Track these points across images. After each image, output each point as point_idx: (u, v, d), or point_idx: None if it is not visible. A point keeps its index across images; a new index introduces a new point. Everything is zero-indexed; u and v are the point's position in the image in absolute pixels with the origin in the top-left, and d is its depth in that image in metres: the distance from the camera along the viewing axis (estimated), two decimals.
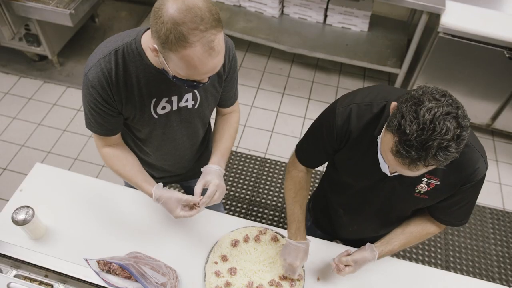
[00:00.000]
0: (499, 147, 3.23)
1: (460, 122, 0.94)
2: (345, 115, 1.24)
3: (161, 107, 1.31)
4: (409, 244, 1.42)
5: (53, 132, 3.10)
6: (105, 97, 1.22)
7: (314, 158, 1.44)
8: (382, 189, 1.30)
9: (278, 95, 3.45)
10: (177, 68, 1.06)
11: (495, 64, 2.72)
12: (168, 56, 1.04)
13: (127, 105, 1.26)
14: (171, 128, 1.41)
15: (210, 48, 1.00)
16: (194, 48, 0.99)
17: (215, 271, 1.46)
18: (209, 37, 0.99)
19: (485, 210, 2.84)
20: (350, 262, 1.36)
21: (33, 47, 3.31)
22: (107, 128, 1.33)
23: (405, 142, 0.95)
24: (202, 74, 1.08)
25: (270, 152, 3.06)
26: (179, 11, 0.96)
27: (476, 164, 1.17)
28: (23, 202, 1.47)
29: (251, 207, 2.75)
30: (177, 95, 1.31)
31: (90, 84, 1.20)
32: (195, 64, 1.02)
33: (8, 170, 2.86)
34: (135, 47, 1.19)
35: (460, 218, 1.34)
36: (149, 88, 1.25)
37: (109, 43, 1.21)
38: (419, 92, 0.99)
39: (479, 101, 2.99)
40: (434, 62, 2.87)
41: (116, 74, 1.20)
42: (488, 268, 2.57)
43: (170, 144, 1.48)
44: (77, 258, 1.35)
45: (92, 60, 1.20)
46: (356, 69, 3.64)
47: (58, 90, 3.39)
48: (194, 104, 1.37)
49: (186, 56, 1.01)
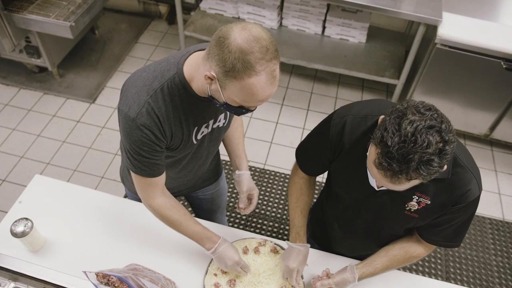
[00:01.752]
0: (498, 157, 3.24)
1: (444, 136, 0.94)
2: (340, 126, 1.24)
3: (200, 132, 1.33)
4: (392, 267, 1.40)
5: (52, 143, 3.10)
6: (159, 136, 1.20)
7: (312, 166, 1.45)
8: (373, 204, 1.29)
9: (277, 106, 3.47)
10: (235, 96, 1.07)
11: (492, 74, 2.74)
12: (228, 83, 1.05)
13: (175, 138, 1.26)
14: (202, 149, 1.42)
15: (272, 77, 1.05)
16: (259, 77, 1.02)
17: (215, 283, 1.45)
18: (272, 67, 1.04)
19: (485, 220, 2.84)
20: (332, 285, 1.37)
21: (33, 59, 3.33)
22: (159, 165, 1.29)
23: (386, 154, 0.96)
24: (259, 102, 1.09)
25: (269, 163, 3.06)
26: (247, 41, 1.00)
27: (468, 185, 1.16)
28: (22, 214, 1.47)
29: (251, 218, 2.74)
30: (214, 118, 1.34)
31: (144, 129, 1.16)
32: (257, 92, 1.05)
33: (7, 181, 2.86)
34: (178, 80, 1.18)
35: (448, 239, 1.30)
36: (192, 117, 1.26)
37: (148, 80, 1.18)
38: (404, 105, 0.99)
39: (477, 111, 3.01)
40: (432, 73, 2.89)
41: (166, 112, 1.18)
42: (488, 278, 2.56)
43: (196, 163, 1.49)
44: (76, 271, 1.35)
45: (137, 102, 1.15)
46: (355, 80, 3.67)
47: (57, 101, 3.40)
48: (225, 122, 1.40)
49: (250, 84, 1.03)
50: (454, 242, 1.31)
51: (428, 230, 1.31)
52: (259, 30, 1.03)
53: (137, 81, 1.19)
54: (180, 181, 1.58)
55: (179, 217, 1.38)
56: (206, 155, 1.50)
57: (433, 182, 1.15)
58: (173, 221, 1.39)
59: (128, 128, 1.17)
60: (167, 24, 4.19)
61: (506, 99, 2.86)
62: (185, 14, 3.84)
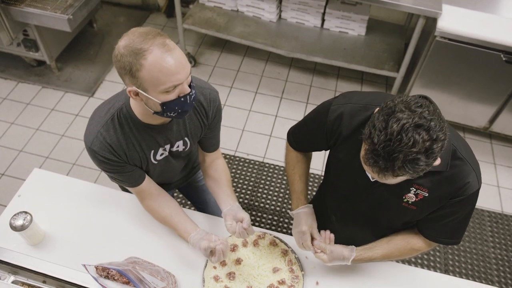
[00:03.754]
0: (497, 150, 3.24)
1: (432, 135, 0.93)
2: (338, 112, 1.24)
3: (159, 154, 1.44)
4: (391, 256, 1.40)
5: (51, 137, 3.10)
6: (116, 159, 1.33)
7: (304, 147, 1.47)
8: (370, 196, 1.29)
9: (276, 99, 3.46)
10: (155, 86, 1.12)
11: (492, 67, 2.73)
12: (142, 81, 1.11)
13: (133, 159, 1.38)
14: (170, 165, 1.54)
15: (164, 45, 1.10)
16: (151, 52, 1.08)
17: (214, 276, 1.46)
18: (160, 40, 1.10)
19: (484, 213, 2.85)
20: (327, 250, 1.36)
21: (31, 52, 3.32)
22: (133, 180, 1.43)
23: (373, 151, 0.96)
24: (176, 74, 1.12)
25: (268, 156, 3.06)
26: (126, 40, 1.11)
27: (467, 178, 1.15)
28: (21, 207, 1.47)
29: (250, 211, 2.74)
30: (169, 143, 1.43)
31: (98, 155, 1.30)
32: (162, 65, 1.09)
33: (6, 175, 2.85)
34: (126, 110, 1.30)
35: (448, 235, 1.30)
36: (146, 143, 1.37)
37: (102, 112, 1.32)
38: (395, 101, 0.99)
39: (477, 104, 3.00)
40: (431, 65, 2.88)
41: (117, 140, 1.30)
42: (487, 271, 2.57)
43: (167, 174, 1.62)
44: (75, 264, 1.35)
45: (92, 132, 1.30)
46: (354, 73, 3.65)
47: (56, 95, 3.39)
48: (184, 148, 1.49)
49: (151, 63, 1.09)
50: (454, 239, 1.31)
51: (428, 226, 1.31)
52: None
53: (95, 113, 1.35)
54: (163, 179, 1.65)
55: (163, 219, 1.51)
56: (176, 169, 1.63)
57: (431, 175, 1.14)
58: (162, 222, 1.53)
59: (90, 155, 1.33)
60: (166, 17, 4.17)
61: (506, 92, 2.85)
62: (184, 7, 3.82)
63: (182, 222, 1.48)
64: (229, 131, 3.19)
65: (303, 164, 1.50)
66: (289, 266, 1.50)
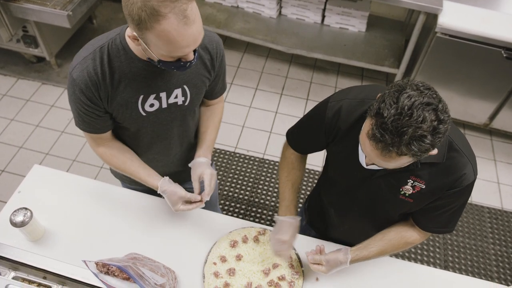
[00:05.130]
0: (497, 147, 3.24)
1: (439, 115, 0.94)
2: (336, 108, 1.25)
3: (149, 104, 1.29)
4: (387, 252, 1.40)
5: (51, 133, 3.10)
6: (90, 96, 1.20)
7: (304, 147, 1.46)
8: (368, 189, 1.30)
9: (276, 96, 3.46)
10: (159, 49, 1.05)
11: (493, 63, 2.73)
12: (146, 38, 1.03)
13: (113, 103, 1.25)
14: (161, 126, 1.39)
15: (184, 17, 0.99)
16: (168, 19, 0.98)
17: (214, 272, 1.46)
18: (181, 6, 0.98)
19: (484, 209, 2.85)
20: (323, 261, 1.37)
21: (30, 48, 3.31)
22: (95, 127, 1.32)
23: (381, 125, 0.96)
24: (184, 48, 1.05)
25: (268, 152, 3.06)
26: None
27: (464, 169, 1.16)
28: (21, 204, 1.47)
29: (250, 207, 2.75)
30: (166, 90, 1.28)
31: (74, 83, 1.19)
32: (174, 37, 1.01)
33: (6, 172, 2.86)
34: (119, 41, 1.18)
35: (442, 225, 1.31)
36: (135, 84, 1.23)
37: (95, 41, 1.20)
38: (404, 81, 1.00)
39: (477, 100, 3.00)
40: (432, 62, 2.88)
41: (101, 71, 1.18)
42: (487, 267, 2.58)
43: (161, 143, 1.47)
44: (76, 260, 1.35)
45: (77, 59, 1.19)
46: (354, 70, 3.65)
47: (56, 91, 3.39)
48: (184, 100, 1.35)
49: (163, 31, 0.99)
50: (448, 228, 1.32)
51: (423, 216, 1.32)
52: None
53: (88, 43, 1.22)
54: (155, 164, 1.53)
55: (119, 165, 1.43)
56: (172, 137, 1.47)
57: (428, 166, 1.15)
58: (116, 167, 1.44)
59: (68, 82, 1.22)
60: None
61: (506, 88, 2.85)
62: None
63: (145, 167, 1.43)
64: (229, 127, 3.19)
65: (297, 171, 1.49)
66: (289, 262, 1.50)
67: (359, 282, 1.49)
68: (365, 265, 1.50)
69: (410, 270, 1.55)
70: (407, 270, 1.55)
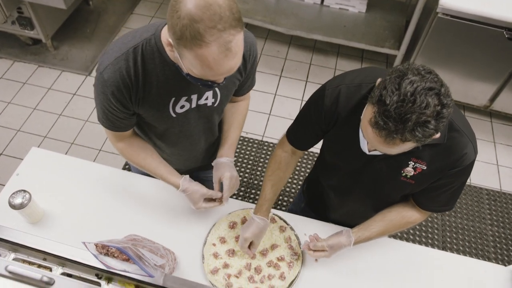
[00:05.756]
0: (497, 129, 3.23)
1: (442, 100, 0.93)
2: (334, 96, 1.23)
3: (180, 106, 1.26)
4: (388, 232, 1.41)
5: (49, 116, 3.08)
6: (121, 98, 1.16)
7: (303, 140, 1.43)
8: (369, 172, 1.30)
9: (275, 78, 3.43)
10: (191, 67, 1.02)
11: (494, 44, 2.69)
12: (182, 53, 1.00)
13: (144, 106, 1.22)
14: (189, 126, 1.37)
15: (226, 49, 0.95)
16: (209, 48, 0.93)
17: (213, 253, 1.46)
18: (227, 38, 0.94)
19: (482, 191, 2.86)
20: (326, 247, 1.37)
21: (26, 30, 3.26)
22: (119, 126, 1.30)
23: (383, 113, 0.95)
24: (217, 75, 1.04)
25: (267, 134, 3.05)
26: (198, 7, 0.90)
27: (464, 149, 1.16)
28: (19, 186, 1.47)
29: (249, 189, 2.75)
30: (197, 93, 1.26)
31: (105, 84, 1.14)
32: (210, 65, 0.98)
33: (4, 155, 2.85)
34: (154, 43, 1.13)
35: (443, 204, 1.32)
36: (168, 86, 1.19)
37: (127, 39, 1.15)
38: (405, 66, 0.98)
39: (478, 82, 2.98)
40: (433, 43, 2.84)
41: (135, 73, 1.14)
42: (484, 248, 2.60)
43: (186, 141, 1.45)
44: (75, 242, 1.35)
45: (108, 58, 1.13)
46: (354, 51, 3.61)
47: (53, 74, 3.35)
48: (214, 102, 1.33)
49: (201, 56, 0.96)
50: (448, 206, 1.33)
51: (424, 196, 1.32)
52: None
53: (118, 40, 1.17)
54: (177, 158, 1.56)
55: (138, 161, 1.41)
56: (197, 134, 1.45)
57: (429, 147, 1.15)
58: (135, 163, 1.43)
59: (96, 81, 1.17)
60: None
61: (507, 70, 2.83)
62: None
63: (166, 165, 1.43)
64: None
65: (281, 173, 1.47)
66: (288, 243, 1.51)
67: (357, 263, 1.50)
68: (363, 246, 1.51)
69: (408, 250, 1.56)
70: (405, 251, 1.56)
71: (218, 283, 1.41)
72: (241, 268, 1.45)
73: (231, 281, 1.42)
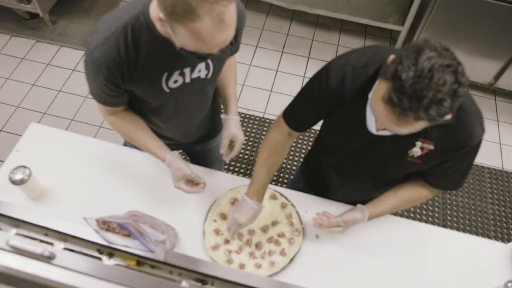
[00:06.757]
0: (501, 107, 3.20)
1: (459, 78, 0.90)
2: (339, 77, 1.19)
3: (173, 80, 1.25)
4: (400, 208, 1.41)
5: (48, 92, 3.05)
6: (111, 78, 1.15)
7: (303, 121, 1.39)
8: (374, 152, 1.27)
9: (277, 54, 3.37)
10: (185, 41, 1.00)
11: (501, 20, 2.63)
12: (175, 28, 0.97)
13: (137, 82, 1.20)
14: (183, 100, 1.36)
15: (220, 21, 0.93)
16: (202, 21, 0.92)
17: (214, 229, 1.47)
18: (219, 9, 0.91)
19: (484, 170, 2.85)
20: (341, 223, 1.37)
21: (22, 4, 3.18)
22: (111, 102, 1.29)
23: (398, 89, 0.91)
24: (212, 48, 1.02)
25: (269, 111, 3.03)
26: None
27: (473, 129, 1.14)
28: (19, 162, 1.46)
29: (250, 166, 2.75)
30: (190, 66, 1.24)
31: (95, 64, 1.13)
32: (204, 38, 0.96)
33: (4, 131, 2.83)
34: (143, 19, 1.10)
35: (453, 182, 1.32)
36: (160, 62, 1.18)
37: (115, 17, 1.12)
38: (421, 42, 0.95)
39: (483, 59, 2.93)
40: (438, 18, 2.78)
41: (125, 52, 1.12)
42: (484, 226, 2.61)
43: (181, 115, 1.44)
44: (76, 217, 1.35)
45: (98, 37, 1.11)
46: (357, 27, 3.54)
47: (51, 49, 3.30)
48: (207, 73, 1.31)
49: (194, 30, 0.94)
50: (458, 184, 1.33)
51: (433, 176, 1.31)
52: None
53: (105, 18, 1.14)
54: (173, 133, 1.54)
55: (128, 134, 1.42)
56: (193, 108, 1.44)
57: (437, 127, 1.12)
58: (125, 136, 1.45)
59: (86, 59, 1.16)
60: None
61: None
62: None
63: (155, 139, 1.42)
64: None
65: (277, 157, 1.43)
66: (288, 220, 1.51)
67: (358, 239, 1.50)
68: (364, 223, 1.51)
69: (409, 227, 1.56)
70: (406, 227, 1.56)
71: (219, 258, 1.42)
72: (241, 244, 1.45)
73: (232, 256, 1.43)
